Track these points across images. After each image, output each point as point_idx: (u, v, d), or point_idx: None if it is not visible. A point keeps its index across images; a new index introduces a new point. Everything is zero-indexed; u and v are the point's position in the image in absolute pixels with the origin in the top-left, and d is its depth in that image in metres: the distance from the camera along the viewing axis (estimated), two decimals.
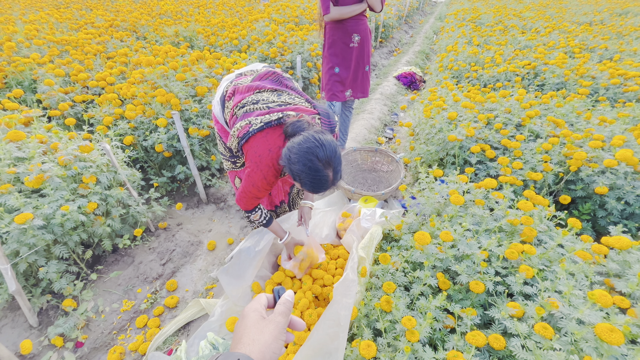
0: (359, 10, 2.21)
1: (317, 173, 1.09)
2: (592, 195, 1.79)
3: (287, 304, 0.48)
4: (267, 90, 1.32)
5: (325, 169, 1.10)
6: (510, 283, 1.21)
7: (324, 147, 1.07)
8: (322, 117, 1.31)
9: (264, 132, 1.19)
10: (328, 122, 1.32)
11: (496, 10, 7.31)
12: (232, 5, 7.56)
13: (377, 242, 1.59)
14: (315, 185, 1.12)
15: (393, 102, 4.51)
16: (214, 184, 2.57)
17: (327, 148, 1.08)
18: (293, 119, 1.18)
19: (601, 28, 5.19)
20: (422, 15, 12.72)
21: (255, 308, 0.47)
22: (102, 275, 1.90)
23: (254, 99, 1.26)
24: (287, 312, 0.48)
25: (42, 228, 1.50)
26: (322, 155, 1.07)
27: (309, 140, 1.07)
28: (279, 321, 0.46)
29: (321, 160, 1.08)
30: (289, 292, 0.51)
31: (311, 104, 1.34)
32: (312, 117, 1.26)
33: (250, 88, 1.31)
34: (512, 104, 2.43)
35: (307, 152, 1.06)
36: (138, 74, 2.65)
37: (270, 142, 1.19)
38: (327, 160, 1.09)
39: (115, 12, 6.51)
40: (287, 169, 1.13)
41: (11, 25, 4.50)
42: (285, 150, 1.12)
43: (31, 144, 1.70)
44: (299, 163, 1.07)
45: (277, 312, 0.47)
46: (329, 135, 1.15)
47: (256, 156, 1.21)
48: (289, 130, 1.16)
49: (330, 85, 2.45)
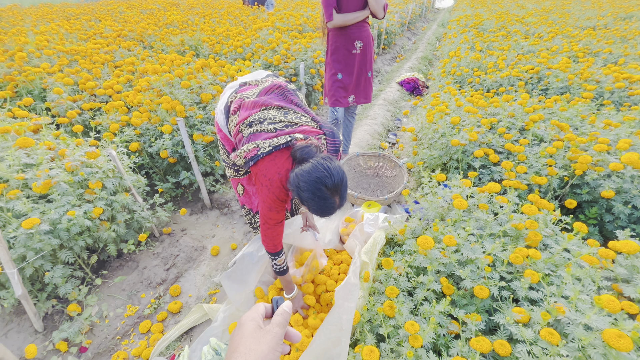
0: (361, 17, 2.23)
1: (325, 201, 1.12)
2: (598, 200, 1.76)
3: (284, 315, 0.48)
4: (274, 107, 1.33)
5: (332, 197, 1.12)
6: (516, 288, 1.19)
7: (332, 176, 1.10)
8: (327, 137, 1.33)
9: (272, 156, 1.22)
10: (333, 141, 1.34)
11: (498, 16, 7.33)
12: (237, 15, 7.70)
13: (380, 247, 1.59)
14: (323, 211, 1.15)
15: (396, 107, 4.52)
16: (217, 189, 2.59)
17: (335, 177, 1.11)
18: (301, 143, 1.20)
19: (605, 32, 5.17)
20: (424, 21, 12.81)
21: (252, 317, 0.47)
22: (106, 280, 1.92)
23: (260, 117, 1.28)
24: (284, 323, 0.48)
25: (48, 233, 1.52)
26: (330, 184, 1.10)
27: (318, 169, 1.10)
28: (275, 332, 0.46)
29: (329, 189, 1.11)
30: (287, 303, 0.51)
31: (317, 122, 1.35)
32: (318, 137, 1.28)
33: (256, 104, 1.32)
34: (516, 108, 2.42)
35: (316, 181, 1.09)
36: (144, 82, 2.70)
37: (279, 164, 1.22)
38: (334, 188, 1.12)
39: (123, 23, 6.67)
40: (295, 193, 1.16)
41: (23, 36, 4.62)
42: (294, 176, 1.14)
43: (39, 151, 1.73)
44: (307, 191, 1.10)
45: (275, 322, 0.47)
46: (336, 161, 1.17)
47: (266, 180, 1.23)
48: (297, 155, 1.18)
49: (333, 91, 2.47)
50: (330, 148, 1.34)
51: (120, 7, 10.23)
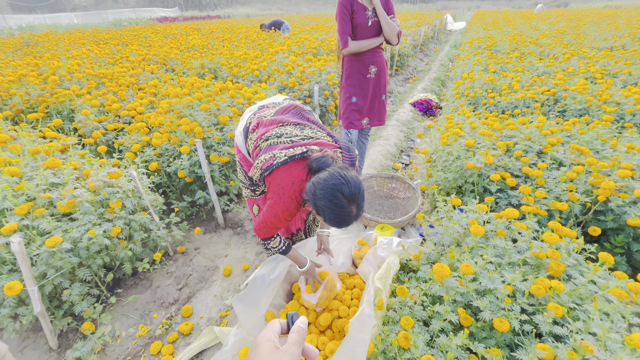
0: (375, 44, 2.30)
1: (342, 209, 1.11)
2: (624, 227, 1.69)
3: (300, 332, 0.47)
4: (291, 124, 1.37)
5: (349, 205, 1.12)
6: (538, 322, 1.13)
7: (349, 184, 1.10)
8: (343, 150, 1.34)
9: (287, 165, 1.23)
10: (349, 155, 1.35)
11: (512, 37, 7.38)
12: (254, 39, 8.04)
13: (394, 272, 1.55)
14: (339, 221, 1.14)
15: (409, 128, 4.53)
16: (231, 209, 2.62)
17: (352, 185, 1.11)
18: (317, 154, 1.21)
19: (623, 53, 5.11)
20: (437, 43, 13.01)
21: (268, 337, 0.46)
22: (120, 298, 1.94)
23: (277, 133, 1.31)
24: (301, 340, 0.47)
25: (69, 251, 1.57)
26: (347, 192, 1.10)
27: (334, 177, 1.10)
28: (293, 352, 0.44)
29: (346, 197, 1.10)
30: (303, 318, 0.50)
31: (332, 137, 1.37)
32: (334, 150, 1.30)
33: (273, 122, 1.37)
34: (532, 131, 2.39)
35: (332, 188, 1.09)
36: (166, 104, 2.82)
37: (294, 175, 1.22)
38: (351, 196, 1.11)
39: (148, 47, 7.07)
40: (311, 203, 1.16)
41: (56, 60, 4.96)
42: (310, 185, 1.15)
43: (66, 171, 1.81)
44: (324, 199, 1.10)
45: (291, 341, 0.46)
46: (353, 171, 1.18)
47: (279, 188, 1.24)
48: (313, 165, 1.19)
49: (348, 113, 2.51)
50: (346, 161, 1.35)
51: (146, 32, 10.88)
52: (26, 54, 6.41)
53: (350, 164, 1.35)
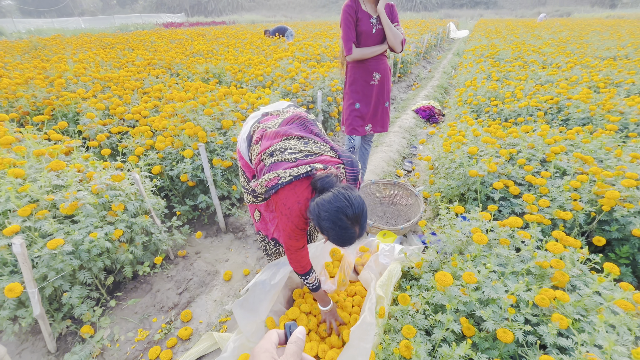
0: (379, 51, 2.31)
1: (346, 231, 1.13)
2: (629, 237, 1.67)
3: (298, 343, 0.47)
4: (294, 137, 1.37)
5: (352, 227, 1.13)
6: (543, 333, 1.11)
7: (352, 207, 1.12)
8: (346, 166, 1.35)
9: (292, 185, 1.24)
10: (352, 170, 1.36)
11: (514, 46, 7.41)
12: (258, 45, 8.12)
13: (396, 280, 1.54)
14: (343, 241, 1.16)
15: (412, 135, 4.54)
16: (233, 213, 2.62)
17: (356, 207, 1.12)
18: (321, 173, 1.22)
19: (626, 63, 5.11)
20: (439, 51, 13.09)
21: (266, 348, 0.45)
22: (120, 302, 1.93)
23: (281, 147, 1.32)
24: (298, 351, 0.46)
25: (70, 254, 1.56)
26: (351, 214, 1.11)
27: (339, 199, 1.11)
28: None
29: (350, 219, 1.12)
30: (300, 329, 0.49)
31: (336, 152, 1.38)
32: (337, 167, 1.31)
33: (277, 134, 1.37)
34: (535, 139, 2.38)
35: (337, 211, 1.10)
36: (170, 108, 2.84)
37: (299, 194, 1.24)
38: (355, 218, 1.13)
39: (154, 52, 7.15)
40: (315, 222, 1.17)
41: (63, 63, 5.02)
42: (314, 205, 1.16)
43: (69, 173, 1.82)
44: (328, 220, 1.11)
45: (289, 352, 0.45)
46: (356, 191, 1.19)
47: (286, 208, 1.26)
48: (317, 184, 1.21)
49: (351, 120, 2.51)
50: (349, 177, 1.36)
51: (152, 37, 11.02)
52: (34, 57, 6.49)
53: (352, 179, 1.37)
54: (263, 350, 0.45)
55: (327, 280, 1.67)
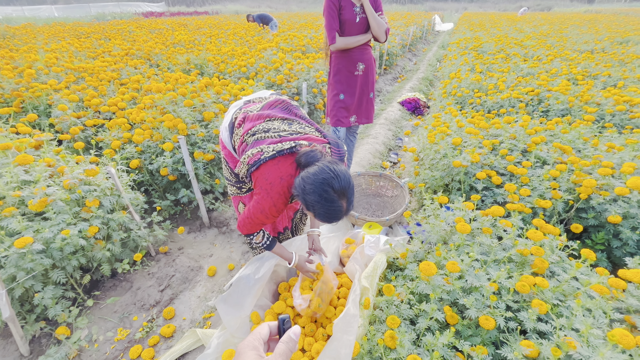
0: (363, 41, 2.28)
1: (332, 204, 1.09)
2: (605, 224, 1.72)
3: (290, 344, 0.43)
4: (278, 118, 1.33)
5: (339, 200, 1.10)
6: (523, 319, 1.13)
7: (339, 178, 1.08)
8: (332, 146, 1.31)
9: (275, 160, 1.19)
10: (338, 151, 1.32)
11: (497, 39, 7.51)
12: (242, 35, 7.92)
13: (381, 271, 1.54)
14: (330, 216, 1.12)
15: (397, 127, 4.55)
16: (217, 207, 2.56)
17: (342, 179, 1.09)
18: (306, 149, 1.18)
19: (603, 56, 5.26)
20: (425, 43, 13.14)
21: (253, 346, 0.42)
22: (98, 301, 1.86)
23: (265, 127, 1.28)
24: (289, 353, 0.43)
25: (41, 252, 1.48)
26: (337, 186, 1.08)
27: (324, 171, 1.08)
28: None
29: (336, 191, 1.08)
30: (296, 329, 0.45)
31: (321, 132, 1.34)
32: (323, 145, 1.27)
33: (260, 116, 1.33)
34: (517, 130, 2.42)
35: (322, 183, 1.06)
36: (148, 99, 2.73)
37: (282, 170, 1.19)
38: (342, 191, 1.09)
39: (132, 42, 6.86)
40: (300, 198, 1.13)
41: (33, 53, 4.76)
42: (299, 180, 1.12)
43: (38, 168, 1.72)
44: (314, 194, 1.07)
45: (278, 352, 0.42)
46: (342, 165, 1.16)
47: (267, 183, 1.20)
48: (302, 160, 1.16)
49: (335, 111, 2.48)
50: (334, 156, 1.32)
51: (130, 26, 10.58)
52: (1, 46, 6.12)
53: (339, 159, 1.33)
54: (250, 347, 0.42)
55: (300, 295, 1.51)
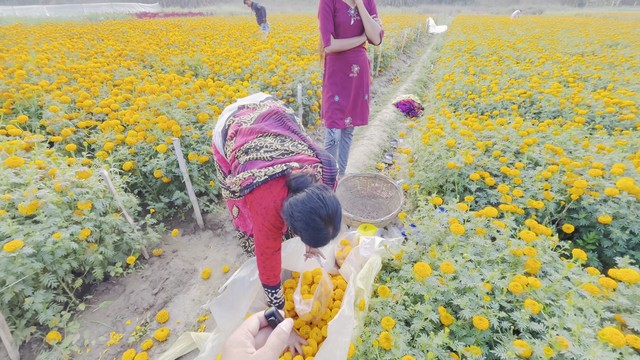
0: (358, 43, 2.29)
1: (319, 232, 1.10)
2: (596, 225, 1.75)
3: (281, 336, 0.43)
4: (270, 134, 1.32)
5: (326, 227, 1.11)
6: (516, 319, 1.15)
7: (326, 207, 1.09)
8: (324, 165, 1.31)
9: (267, 184, 1.20)
10: (329, 170, 1.32)
11: (490, 42, 7.60)
12: (237, 37, 7.91)
13: (376, 272, 1.54)
14: (316, 242, 1.14)
15: (392, 128, 4.57)
16: (211, 209, 2.55)
17: (330, 207, 1.10)
18: (297, 172, 1.19)
19: (593, 59, 5.36)
20: (419, 46, 13.24)
21: (239, 341, 0.41)
22: (90, 305, 1.83)
23: (257, 145, 1.27)
24: (281, 345, 0.42)
25: (31, 256, 1.46)
26: (325, 215, 1.09)
27: (312, 199, 1.08)
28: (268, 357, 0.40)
29: (323, 220, 1.09)
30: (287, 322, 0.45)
31: (313, 150, 1.34)
32: (314, 166, 1.27)
33: (253, 131, 1.32)
34: (510, 131, 2.45)
35: (310, 212, 1.07)
36: (142, 101, 2.71)
37: (274, 193, 1.20)
38: (329, 219, 1.10)
39: (125, 43, 6.81)
40: (288, 222, 1.14)
41: (24, 54, 4.69)
42: (288, 205, 1.12)
43: (29, 170, 1.70)
44: (301, 221, 1.08)
45: (269, 345, 0.41)
46: (331, 191, 1.16)
47: (261, 208, 1.21)
48: (292, 184, 1.17)
49: (330, 113, 2.49)
50: (326, 176, 1.32)
51: (123, 27, 10.50)
52: None
53: (330, 178, 1.33)
54: (236, 343, 0.41)
55: (302, 300, 1.54)
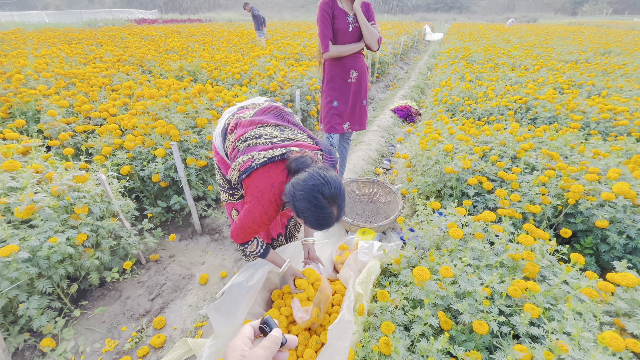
0: (356, 49, 2.31)
1: (323, 211, 1.08)
2: (593, 229, 1.76)
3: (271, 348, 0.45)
4: (270, 125, 1.33)
5: (330, 206, 1.09)
6: (516, 323, 1.14)
7: (329, 184, 1.07)
8: (324, 153, 1.32)
9: (266, 167, 1.19)
10: (329, 158, 1.32)
11: (486, 49, 7.71)
12: (235, 43, 7.96)
13: (375, 277, 1.53)
14: (320, 223, 1.11)
15: (390, 133, 4.60)
16: (209, 214, 2.53)
17: (332, 185, 1.08)
18: (296, 155, 1.18)
19: (587, 66, 5.44)
20: (416, 52, 13.40)
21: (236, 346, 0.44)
22: (86, 311, 1.81)
23: (256, 133, 1.27)
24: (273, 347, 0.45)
25: (27, 261, 1.44)
26: (328, 193, 1.07)
27: (314, 177, 1.07)
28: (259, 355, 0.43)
29: (326, 198, 1.07)
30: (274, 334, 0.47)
31: (313, 139, 1.35)
32: (315, 152, 1.27)
33: (252, 122, 1.33)
34: (507, 137, 2.47)
35: (312, 189, 1.05)
36: (140, 105, 2.71)
37: (273, 177, 1.18)
38: (332, 197, 1.08)
39: (124, 48, 6.83)
40: (290, 205, 1.12)
41: (23, 59, 4.69)
42: (290, 186, 1.11)
43: (26, 174, 1.69)
44: (304, 200, 1.06)
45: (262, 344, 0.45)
46: (333, 171, 1.15)
47: (258, 191, 1.19)
48: (292, 166, 1.16)
49: (329, 118, 2.50)
50: (326, 163, 1.31)
51: (122, 33, 10.55)
52: None
53: (330, 166, 1.32)
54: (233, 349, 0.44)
55: (300, 308, 1.50)
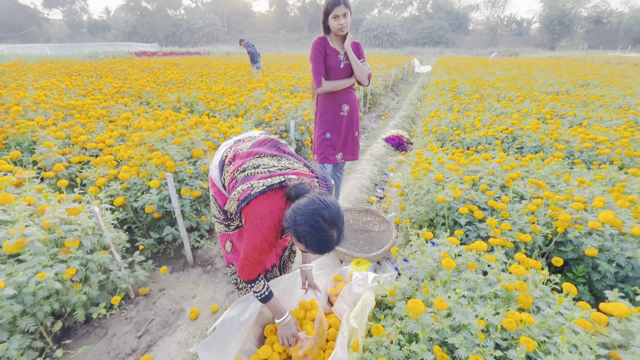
0: (348, 84, 2.43)
1: (324, 234, 1.11)
2: (584, 257, 1.78)
3: None
4: (267, 155, 1.38)
5: (330, 230, 1.12)
6: (512, 357, 1.13)
7: (329, 208, 1.11)
8: (320, 180, 1.36)
9: (265, 195, 1.23)
10: (326, 185, 1.37)
11: (472, 81, 8.11)
12: (232, 75, 8.26)
13: (370, 310, 1.51)
14: (321, 246, 1.14)
15: (382, 162, 4.69)
16: (202, 245, 2.50)
17: (332, 209, 1.12)
18: (295, 182, 1.23)
19: (567, 97, 5.74)
20: (406, 84, 14.00)
21: None
22: (68, 350, 1.72)
23: (254, 164, 1.32)
24: None
25: (11, 298, 1.40)
26: (328, 217, 1.11)
27: (314, 202, 1.11)
28: None
29: (327, 221, 1.11)
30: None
31: (309, 168, 1.40)
32: (312, 180, 1.32)
33: (250, 153, 1.38)
34: (495, 166, 2.55)
35: (313, 213, 1.09)
36: (137, 137, 2.76)
37: (272, 204, 1.22)
38: (332, 220, 1.12)
39: (124, 80, 7.03)
40: (291, 230, 1.15)
41: (22, 90, 4.78)
42: (290, 212, 1.14)
43: (18, 207, 1.68)
44: (305, 225, 1.09)
45: None
46: (332, 196, 1.20)
47: (257, 218, 1.22)
48: (292, 192, 1.20)
49: (322, 149, 2.57)
50: (323, 190, 1.36)
51: (122, 65, 10.89)
52: None
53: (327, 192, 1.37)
54: None
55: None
